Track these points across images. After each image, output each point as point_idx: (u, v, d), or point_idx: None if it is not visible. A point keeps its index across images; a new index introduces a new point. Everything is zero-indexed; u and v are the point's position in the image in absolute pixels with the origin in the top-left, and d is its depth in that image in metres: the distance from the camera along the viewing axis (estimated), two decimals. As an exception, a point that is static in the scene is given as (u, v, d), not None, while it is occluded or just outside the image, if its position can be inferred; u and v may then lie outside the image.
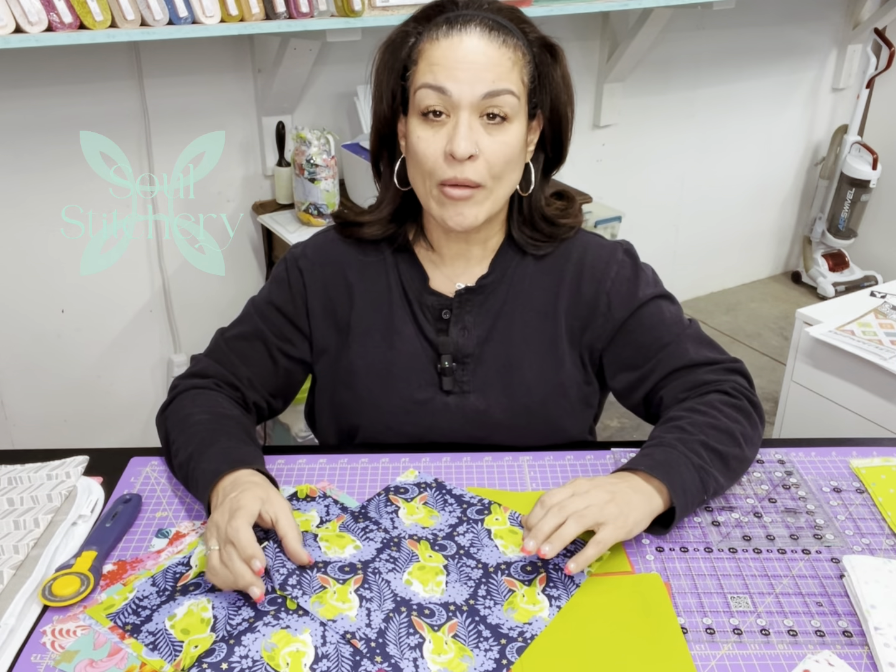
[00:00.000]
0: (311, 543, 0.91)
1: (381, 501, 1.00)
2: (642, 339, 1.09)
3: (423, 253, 1.11)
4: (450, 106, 0.95)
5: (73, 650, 0.80)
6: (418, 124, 0.97)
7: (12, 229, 2.01)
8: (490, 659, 0.79)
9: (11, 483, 1.03)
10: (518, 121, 0.98)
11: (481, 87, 0.94)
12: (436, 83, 0.94)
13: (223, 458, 0.96)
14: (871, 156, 3.16)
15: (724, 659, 0.79)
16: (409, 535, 0.94)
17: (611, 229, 2.64)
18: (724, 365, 1.08)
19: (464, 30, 0.94)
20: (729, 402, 1.03)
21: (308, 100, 2.28)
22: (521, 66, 0.97)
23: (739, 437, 1.01)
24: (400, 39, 1.00)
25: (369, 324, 1.10)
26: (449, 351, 1.08)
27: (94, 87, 1.98)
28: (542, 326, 1.09)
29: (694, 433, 0.99)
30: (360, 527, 0.95)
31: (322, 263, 1.11)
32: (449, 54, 0.94)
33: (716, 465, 0.97)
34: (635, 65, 2.74)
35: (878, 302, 1.81)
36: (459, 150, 0.94)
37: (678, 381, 1.07)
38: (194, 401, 1.06)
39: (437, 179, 0.98)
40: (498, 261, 1.10)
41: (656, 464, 0.95)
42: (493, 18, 0.96)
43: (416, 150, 0.98)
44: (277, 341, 1.11)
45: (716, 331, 3.16)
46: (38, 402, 2.21)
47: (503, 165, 0.98)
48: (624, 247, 1.13)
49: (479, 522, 0.97)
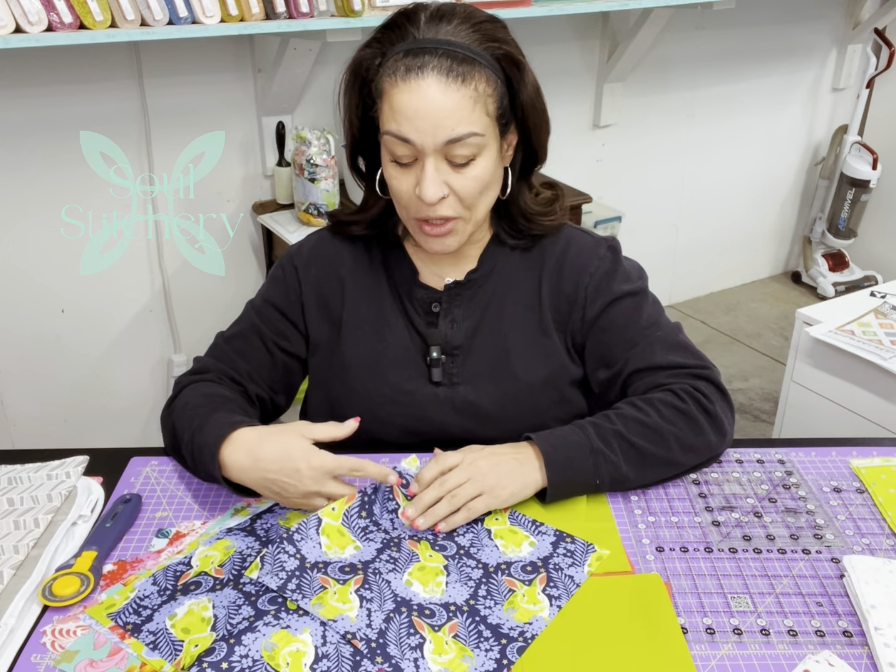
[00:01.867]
0: (313, 536, 0.90)
1: (388, 490, 0.97)
2: (614, 338, 1.09)
3: (413, 248, 1.13)
4: (415, 152, 0.95)
5: (73, 650, 0.80)
6: (390, 163, 0.99)
7: (12, 229, 2.01)
8: (491, 659, 0.79)
9: (11, 483, 1.03)
10: (487, 152, 0.97)
11: (442, 134, 0.93)
12: (399, 134, 0.94)
13: (223, 424, 0.98)
14: (871, 156, 3.16)
15: (724, 659, 0.79)
16: (410, 536, 0.94)
17: (611, 229, 2.65)
18: (689, 370, 1.07)
19: (421, 74, 0.92)
20: (672, 403, 1.03)
21: (308, 100, 2.28)
22: (484, 98, 0.94)
23: (670, 438, 1.01)
24: (365, 62, 0.98)
25: (361, 318, 1.12)
26: (438, 343, 1.10)
27: (94, 87, 1.98)
28: (530, 318, 1.11)
29: (614, 423, 1.01)
30: (360, 524, 0.94)
31: (316, 260, 1.14)
32: (408, 101, 0.93)
33: (627, 456, 0.99)
34: (635, 65, 2.74)
35: (878, 302, 1.81)
36: (427, 195, 0.95)
37: (640, 382, 1.08)
38: (196, 390, 1.08)
39: (413, 216, 1.00)
40: (486, 255, 1.11)
41: (552, 438, 0.99)
42: (451, 53, 0.92)
43: (391, 186, 1.00)
44: (274, 336, 1.13)
45: (716, 331, 3.16)
46: (38, 402, 2.21)
47: (475, 198, 0.99)
48: (609, 243, 1.13)
49: (479, 522, 0.97)
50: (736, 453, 1.10)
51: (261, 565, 0.86)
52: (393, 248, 1.13)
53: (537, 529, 0.96)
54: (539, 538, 0.94)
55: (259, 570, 0.86)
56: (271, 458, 0.92)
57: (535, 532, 0.95)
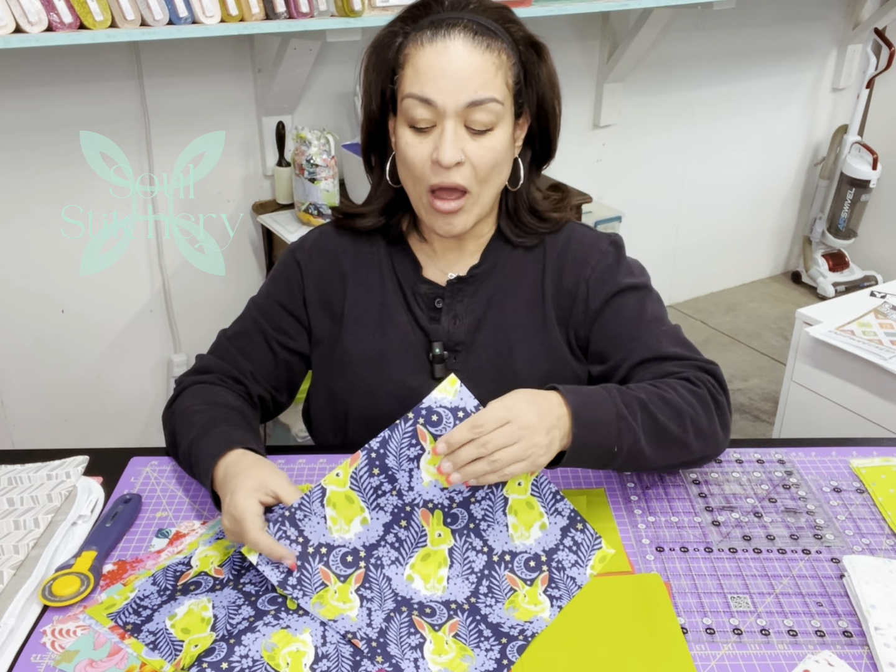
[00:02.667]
0: (317, 511, 0.87)
1: (408, 435, 0.88)
2: (617, 329, 1.08)
3: (417, 244, 1.13)
4: (435, 115, 0.96)
5: (73, 650, 0.81)
6: (406, 131, 0.99)
7: (12, 229, 2.01)
8: (491, 659, 0.79)
9: (11, 483, 1.03)
10: (503, 125, 0.99)
11: (465, 96, 0.95)
12: (421, 94, 0.96)
13: (221, 441, 0.97)
14: (871, 156, 3.16)
15: (724, 659, 0.79)
16: (425, 502, 0.89)
17: (611, 229, 2.65)
18: (695, 362, 1.06)
19: (448, 35, 0.95)
20: (688, 387, 1.01)
21: (308, 100, 2.28)
22: (505, 69, 0.98)
23: (687, 420, 0.97)
24: (388, 40, 1.01)
25: (363, 312, 1.12)
26: (440, 339, 1.10)
27: (94, 87, 1.98)
28: (532, 314, 1.11)
29: (637, 393, 0.97)
30: (372, 484, 0.89)
31: (318, 255, 1.14)
32: (433, 61, 0.95)
33: (646, 427, 0.94)
34: (635, 65, 2.74)
35: (878, 302, 1.81)
36: (445, 157, 0.96)
37: (646, 371, 1.05)
38: (196, 395, 1.07)
39: (426, 185, 1.00)
40: (489, 251, 1.11)
41: (582, 396, 0.92)
42: (477, 21, 0.97)
43: (405, 156, 1.00)
44: (276, 334, 1.13)
45: (716, 331, 3.16)
46: (38, 402, 2.21)
47: (489, 169, 1.00)
48: (611, 238, 1.13)
49: (500, 486, 0.90)
50: (736, 453, 1.10)
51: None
52: (396, 243, 1.13)
53: (555, 506, 0.92)
54: (553, 519, 0.92)
55: (258, 555, 0.84)
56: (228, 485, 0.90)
57: (551, 510, 0.92)
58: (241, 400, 1.10)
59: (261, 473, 0.90)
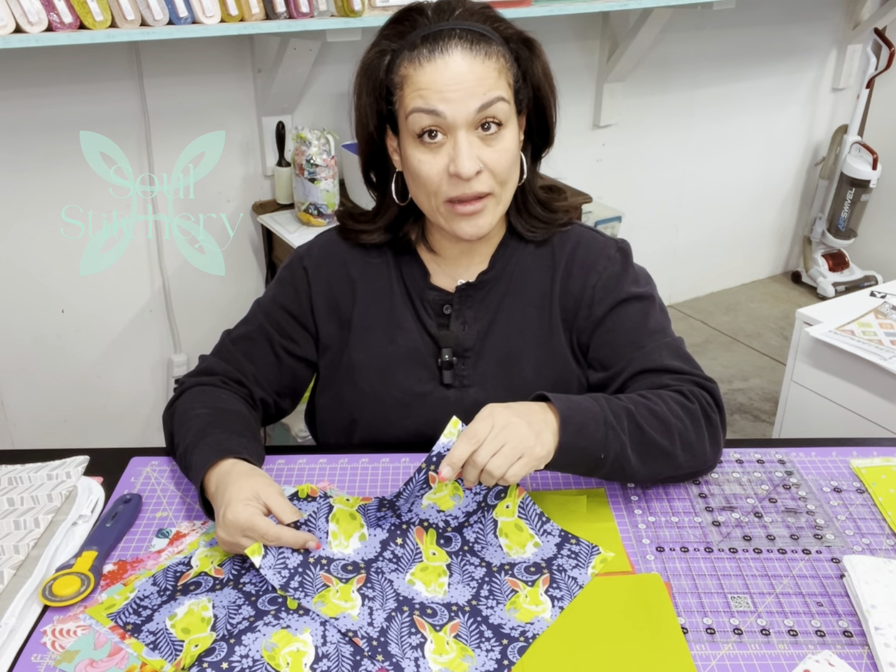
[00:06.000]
0: (321, 526, 0.89)
1: (420, 482, 0.89)
2: (619, 338, 1.08)
3: (426, 253, 1.12)
4: (445, 126, 0.96)
5: (74, 650, 0.81)
6: (415, 147, 0.98)
7: (12, 229, 2.01)
8: (491, 659, 0.79)
9: (11, 483, 1.03)
10: (511, 123, 0.99)
11: (474, 102, 0.94)
12: (428, 107, 0.95)
13: (213, 450, 0.96)
14: (871, 156, 3.16)
15: (724, 659, 0.79)
16: (420, 521, 0.91)
17: (611, 229, 2.65)
18: (694, 378, 1.05)
19: (445, 50, 0.94)
20: (680, 401, 1.01)
21: (308, 100, 2.28)
22: (505, 70, 0.98)
23: (674, 433, 0.98)
24: (377, 61, 0.99)
25: (371, 319, 1.11)
26: (449, 345, 1.09)
27: (94, 87, 1.98)
28: (540, 319, 1.10)
29: (625, 403, 0.98)
30: (377, 514, 0.91)
31: (326, 261, 1.13)
32: (436, 78, 0.94)
33: (633, 436, 0.95)
34: (635, 65, 2.74)
35: (878, 302, 1.81)
36: (465, 170, 0.95)
37: (643, 382, 1.05)
38: (197, 397, 1.07)
39: (444, 198, 0.99)
40: (498, 256, 1.11)
41: (569, 402, 0.93)
42: (469, 29, 0.95)
43: (418, 173, 0.99)
44: (282, 340, 1.12)
45: (716, 331, 3.16)
46: (38, 402, 2.21)
47: (507, 171, 1.00)
48: (619, 245, 1.13)
49: (489, 511, 0.93)
50: (736, 453, 1.10)
51: (264, 552, 0.85)
52: (404, 253, 1.12)
53: (543, 528, 0.94)
54: (544, 539, 0.93)
55: (262, 558, 0.85)
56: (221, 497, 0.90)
57: (540, 531, 0.94)
58: (242, 403, 1.09)
59: (253, 485, 0.90)
